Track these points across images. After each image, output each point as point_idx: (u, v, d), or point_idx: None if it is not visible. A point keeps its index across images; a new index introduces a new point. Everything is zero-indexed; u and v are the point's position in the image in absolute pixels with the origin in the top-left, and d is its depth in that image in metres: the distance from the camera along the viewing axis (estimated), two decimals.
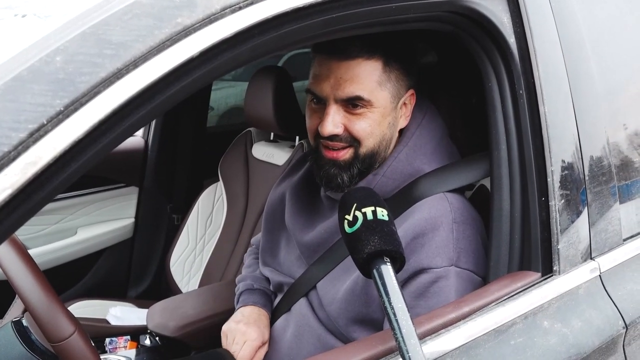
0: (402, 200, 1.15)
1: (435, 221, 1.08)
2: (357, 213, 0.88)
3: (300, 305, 1.26)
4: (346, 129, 1.11)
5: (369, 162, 1.15)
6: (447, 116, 1.48)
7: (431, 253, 1.06)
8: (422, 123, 1.20)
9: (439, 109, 1.50)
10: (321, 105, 1.13)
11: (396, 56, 1.12)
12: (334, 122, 1.10)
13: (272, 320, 1.36)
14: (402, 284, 1.07)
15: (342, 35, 0.97)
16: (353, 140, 1.12)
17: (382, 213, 0.88)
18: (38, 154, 0.61)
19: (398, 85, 1.14)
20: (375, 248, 0.83)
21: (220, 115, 4.30)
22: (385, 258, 0.83)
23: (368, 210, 0.87)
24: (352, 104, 1.10)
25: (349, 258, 1.15)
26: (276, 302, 1.37)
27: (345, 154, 1.13)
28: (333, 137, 1.11)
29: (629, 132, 1.25)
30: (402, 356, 0.76)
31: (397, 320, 0.78)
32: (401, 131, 1.21)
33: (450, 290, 1.06)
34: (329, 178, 1.15)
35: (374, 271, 0.83)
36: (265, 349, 1.32)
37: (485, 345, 0.94)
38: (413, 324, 0.78)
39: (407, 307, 0.79)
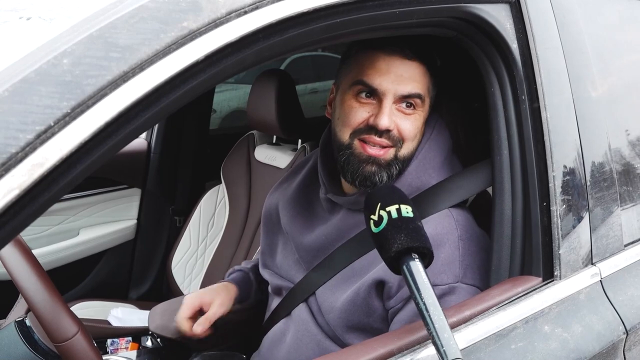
0: None
1: (441, 238, 1.08)
2: (382, 212, 0.89)
3: (300, 311, 1.26)
4: (396, 127, 1.11)
5: (406, 164, 1.15)
6: (449, 121, 1.49)
7: (437, 270, 1.06)
8: (432, 136, 1.20)
9: (441, 114, 1.50)
10: (372, 99, 1.12)
11: (432, 63, 1.16)
12: (390, 117, 1.09)
13: (271, 323, 1.37)
14: (408, 301, 1.08)
15: (346, 40, 0.98)
16: (398, 140, 1.11)
17: (407, 210, 0.89)
18: (45, 155, 0.62)
19: (431, 94, 1.17)
20: (402, 246, 0.84)
21: (223, 117, 4.31)
22: (413, 254, 0.85)
23: (392, 209, 0.89)
24: (408, 102, 1.11)
25: (350, 267, 1.17)
26: (275, 304, 1.37)
27: (388, 153, 1.11)
28: (382, 134, 1.10)
29: (631, 138, 1.26)
30: (437, 350, 0.77)
31: (429, 316, 0.79)
32: None
33: None
34: (365, 176, 1.12)
35: (404, 268, 0.84)
36: (219, 309, 1.36)
37: (486, 349, 0.94)
38: (445, 317, 0.79)
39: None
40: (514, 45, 1.07)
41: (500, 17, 1.05)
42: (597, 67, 1.19)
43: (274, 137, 2.33)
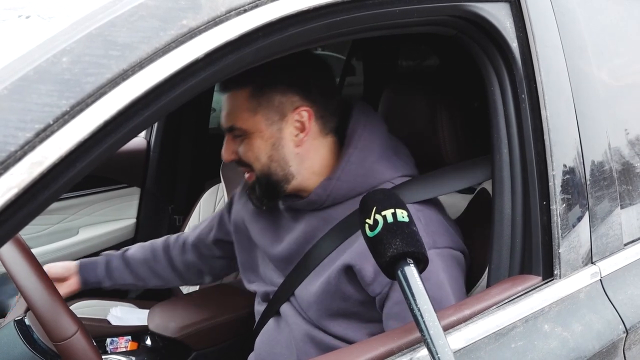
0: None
1: None
2: (377, 216, 0.88)
3: (286, 308, 1.30)
4: (238, 156, 1.20)
5: (266, 184, 1.20)
6: (448, 119, 1.49)
7: None
8: (366, 124, 1.23)
9: (441, 112, 1.50)
10: None
11: (265, 83, 1.15)
12: (227, 150, 1.21)
13: (262, 325, 1.38)
14: (392, 283, 1.10)
15: (346, 39, 0.98)
16: (248, 165, 1.20)
17: (402, 215, 0.88)
18: (44, 153, 0.61)
19: (274, 108, 1.16)
20: (397, 251, 0.84)
21: None
22: (408, 260, 0.84)
23: (388, 213, 0.88)
24: (232, 133, 1.19)
25: (321, 264, 1.20)
26: (264, 308, 1.39)
27: (251, 177, 1.22)
28: (238, 163, 1.22)
29: (631, 137, 1.26)
30: (432, 357, 0.77)
31: (424, 322, 0.78)
32: (343, 136, 1.24)
33: (438, 272, 1.09)
34: (250, 200, 1.28)
35: (398, 273, 0.83)
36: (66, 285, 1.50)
37: (486, 348, 0.94)
38: (440, 324, 0.79)
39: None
40: (514, 44, 1.07)
41: (500, 16, 1.05)
42: (598, 66, 1.19)
43: None
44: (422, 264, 0.86)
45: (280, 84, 1.15)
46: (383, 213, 0.87)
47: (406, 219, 0.88)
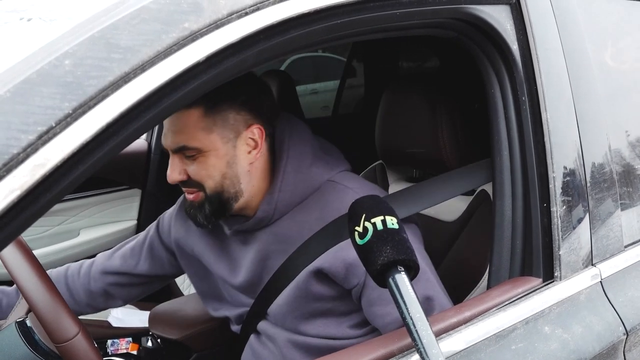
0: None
1: (342, 204, 1.11)
2: (367, 224, 0.87)
3: (263, 325, 1.30)
4: (188, 175, 1.16)
5: (217, 201, 1.17)
6: (448, 121, 1.49)
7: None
8: (291, 132, 1.23)
9: (441, 113, 1.51)
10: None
11: (218, 101, 1.14)
12: (175, 170, 1.16)
13: (243, 344, 1.38)
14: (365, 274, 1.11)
15: (346, 41, 0.98)
16: (198, 184, 1.16)
17: (392, 222, 0.87)
18: (46, 156, 0.62)
19: (228, 126, 1.15)
20: (388, 259, 0.82)
21: None
22: (399, 267, 0.83)
23: (377, 220, 0.86)
24: (184, 152, 1.15)
25: (276, 274, 1.20)
26: (240, 328, 1.38)
27: (197, 196, 1.18)
28: (183, 183, 1.18)
29: (631, 139, 1.26)
30: None
31: (417, 331, 0.77)
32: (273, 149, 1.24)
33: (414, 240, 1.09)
34: (192, 218, 1.21)
35: (390, 281, 0.82)
36: None
37: (487, 350, 0.94)
38: (433, 332, 0.77)
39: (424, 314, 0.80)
40: (514, 47, 1.07)
41: (500, 19, 1.05)
42: (598, 68, 1.19)
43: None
44: (412, 271, 0.85)
45: (233, 102, 1.15)
46: (373, 220, 0.86)
47: (396, 226, 0.86)
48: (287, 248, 1.20)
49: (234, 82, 1.13)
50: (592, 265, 1.12)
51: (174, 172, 1.16)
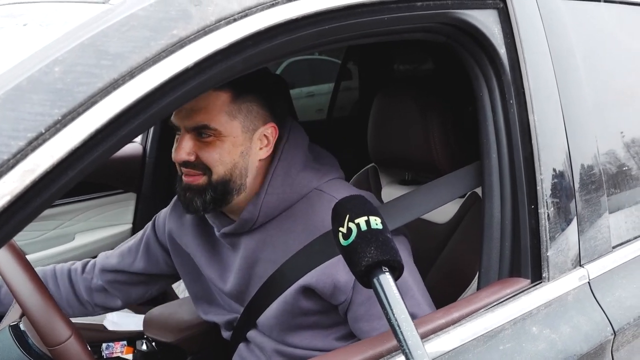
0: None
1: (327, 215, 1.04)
2: (351, 225, 0.85)
3: (253, 334, 1.30)
4: (197, 157, 1.15)
5: (222, 190, 1.16)
6: (439, 124, 1.51)
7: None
8: (289, 138, 1.23)
9: (432, 116, 1.52)
10: (180, 134, 1.18)
11: (248, 90, 1.15)
12: (183, 150, 1.14)
13: (232, 350, 1.38)
14: (354, 287, 1.13)
15: (335, 46, 0.99)
16: (205, 168, 1.15)
17: (376, 222, 0.86)
18: (36, 161, 0.63)
19: (251, 117, 1.16)
20: (372, 259, 0.82)
21: None
22: (383, 268, 0.82)
23: (361, 221, 0.85)
24: (201, 132, 1.14)
25: (266, 284, 1.20)
26: (229, 335, 1.39)
27: (199, 180, 1.16)
28: (187, 164, 1.15)
29: (619, 141, 1.28)
30: None
31: (402, 332, 0.76)
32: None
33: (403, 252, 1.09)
34: (186, 203, 1.19)
35: (374, 281, 0.81)
36: None
37: (475, 351, 0.95)
38: (418, 333, 0.77)
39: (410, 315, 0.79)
40: (502, 50, 1.08)
41: (488, 23, 1.06)
42: (585, 71, 1.20)
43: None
44: (397, 272, 0.84)
45: (260, 95, 1.16)
46: (356, 221, 0.85)
47: (380, 226, 0.86)
48: (274, 257, 1.19)
49: (262, 77, 1.16)
50: (580, 266, 1.14)
51: (182, 152, 1.14)
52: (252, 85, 1.14)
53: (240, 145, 1.15)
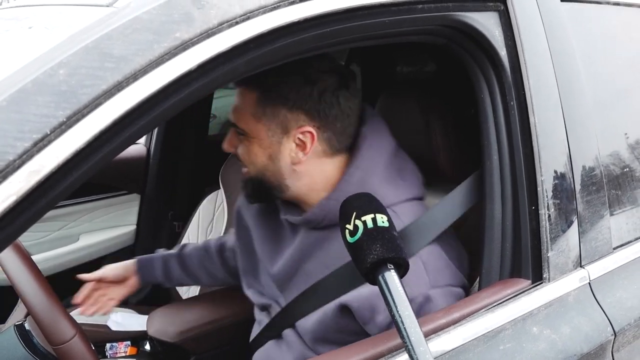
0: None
1: None
2: (357, 222, 0.87)
3: (288, 332, 1.28)
4: (236, 151, 1.19)
5: (259, 186, 1.19)
6: (441, 127, 1.51)
7: (406, 284, 1.06)
8: (373, 143, 1.19)
9: (434, 119, 1.52)
10: None
11: (274, 93, 1.11)
12: (227, 141, 1.20)
13: (261, 341, 1.37)
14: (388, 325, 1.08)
15: (337, 48, 1.00)
16: (245, 164, 1.19)
17: (382, 219, 0.87)
18: (41, 162, 0.64)
19: (277, 121, 1.12)
20: (377, 257, 0.83)
21: (223, 123, 4.32)
22: (389, 265, 0.83)
23: (368, 218, 0.87)
24: (236, 129, 1.17)
25: (314, 287, 1.18)
26: (263, 321, 1.38)
27: (245, 172, 1.21)
28: (235, 156, 1.21)
29: (619, 142, 1.28)
30: None
31: (405, 329, 0.77)
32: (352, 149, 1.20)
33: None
34: (242, 188, 1.25)
35: (379, 279, 0.83)
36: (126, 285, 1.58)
37: (475, 350, 0.96)
38: (421, 330, 0.78)
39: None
40: (502, 52, 1.09)
41: (489, 25, 1.07)
42: (586, 73, 1.21)
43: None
44: (402, 269, 0.85)
45: (287, 100, 1.11)
46: (363, 218, 0.87)
47: (386, 224, 0.87)
48: (327, 261, 1.16)
49: (289, 77, 1.12)
50: (581, 267, 1.14)
51: (227, 143, 1.20)
52: (279, 89, 1.11)
53: (267, 148, 1.14)
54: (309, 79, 1.11)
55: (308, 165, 1.16)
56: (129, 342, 1.81)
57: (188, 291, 2.31)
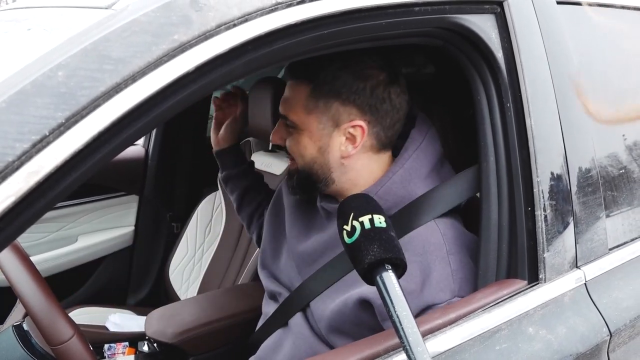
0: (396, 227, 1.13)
1: (431, 256, 1.09)
2: (355, 223, 0.87)
3: (297, 319, 1.28)
4: (285, 144, 1.21)
5: (306, 180, 1.20)
6: (439, 126, 1.52)
7: (433, 289, 1.07)
8: (421, 146, 1.20)
9: (432, 120, 1.53)
10: None
11: (327, 86, 1.13)
12: (276, 134, 1.22)
13: (267, 330, 1.38)
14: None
15: (335, 50, 1.01)
16: (292, 156, 1.21)
17: (380, 220, 0.88)
18: (40, 163, 0.64)
19: (329, 114, 1.14)
20: (375, 257, 0.83)
21: None
22: (386, 265, 0.83)
23: (365, 219, 0.87)
24: (287, 122, 1.18)
25: (343, 280, 1.18)
26: (271, 310, 1.38)
27: (293, 165, 1.23)
28: (283, 148, 1.22)
29: (615, 144, 1.29)
30: None
31: (402, 329, 0.78)
32: (398, 149, 1.22)
33: None
34: (286, 182, 1.27)
35: (377, 279, 0.83)
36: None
37: (471, 351, 0.96)
38: (419, 330, 0.78)
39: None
40: (499, 54, 1.09)
41: (485, 27, 1.08)
42: (582, 75, 1.22)
43: (270, 144, 2.35)
44: (400, 270, 0.85)
45: (340, 93, 1.13)
46: (360, 219, 0.87)
47: (383, 225, 0.87)
48: None
49: (345, 71, 1.14)
50: (577, 267, 1.15)
51: (275, 135, 1.22)
52: (333, 82, 1.13)
53: (318, 141, 1.16)
54: (361, 74, 1.14)
55: (356, 160, 1.18)
56: (127, 343, 1.82)
57: (187, 292, 2.31)
